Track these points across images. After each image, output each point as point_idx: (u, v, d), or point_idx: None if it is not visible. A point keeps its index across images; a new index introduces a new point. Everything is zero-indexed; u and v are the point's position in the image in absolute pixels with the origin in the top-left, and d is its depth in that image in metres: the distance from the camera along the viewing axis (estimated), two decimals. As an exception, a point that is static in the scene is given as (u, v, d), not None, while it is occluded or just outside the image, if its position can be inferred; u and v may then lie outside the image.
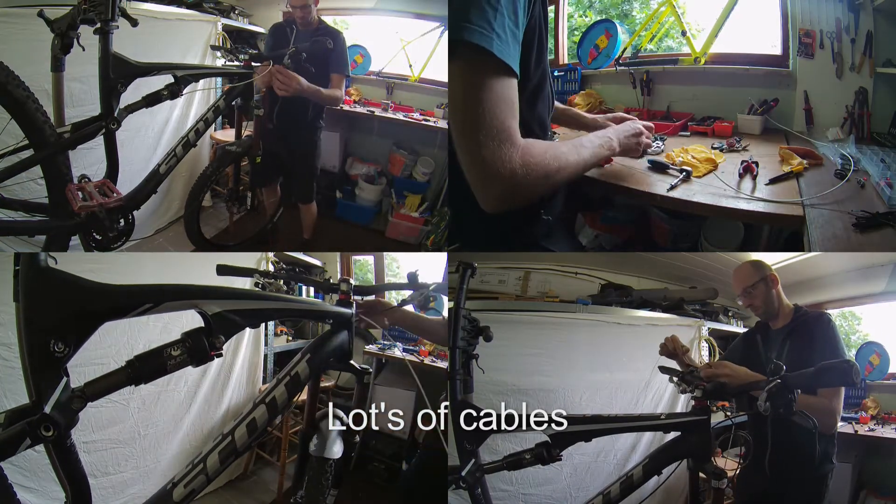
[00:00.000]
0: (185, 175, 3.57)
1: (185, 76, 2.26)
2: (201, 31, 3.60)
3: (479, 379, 1.81)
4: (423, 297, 2.10)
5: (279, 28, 3.20)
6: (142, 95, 2.19)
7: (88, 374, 1.14)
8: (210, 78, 3.29)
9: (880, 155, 2.44)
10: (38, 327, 1.04)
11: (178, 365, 1.21)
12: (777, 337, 2.27)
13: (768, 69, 3.08)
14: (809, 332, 2.17)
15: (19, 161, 1.89)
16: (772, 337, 2.31)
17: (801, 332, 2.19)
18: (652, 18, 3.45)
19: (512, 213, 1.73)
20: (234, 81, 2.71)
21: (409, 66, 4.29)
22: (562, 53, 3.86)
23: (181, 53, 3.37)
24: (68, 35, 1.89)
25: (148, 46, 2.67)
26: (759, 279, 2.27)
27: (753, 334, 2.39)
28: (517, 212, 1.74)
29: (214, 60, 3.55)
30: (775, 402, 1.55)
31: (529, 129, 1.80)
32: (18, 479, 2.03)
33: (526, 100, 1.75)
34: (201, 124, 2.61)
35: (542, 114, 1.85)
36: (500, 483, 2.53)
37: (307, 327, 4.51)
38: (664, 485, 1.72)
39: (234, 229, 3.43)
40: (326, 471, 1.83)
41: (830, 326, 2.18)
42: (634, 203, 3.47)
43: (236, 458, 1.40)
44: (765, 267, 2.32)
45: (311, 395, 1.96)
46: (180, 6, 3.48)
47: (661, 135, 3.14)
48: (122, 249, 2.30)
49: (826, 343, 2.11)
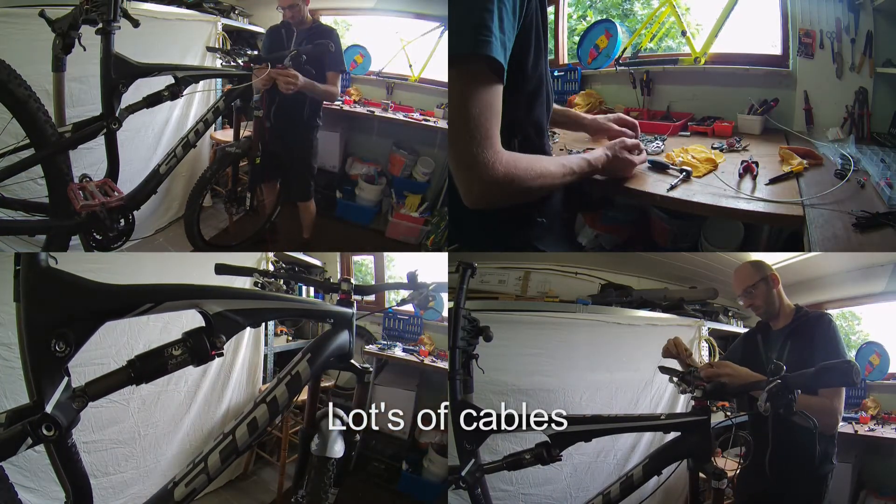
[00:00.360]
0: (185, 175, 3.57)
1: (185, 77, 2.27)
2: (201, 31, 3.60)
3: (479, 379, 1.81)
4: (423, 296, 2.11)
5: (275, 30, 3.22)
6: (142, 96, 2.19)
7: (88, 374, 1.14)
8: (210, 79, 3.30)
9: (880, 155, 2.44)
10: (39, 327, 1.04)
11: (178, 364, 1.21)
12: (778, 337, 2.26)
13: (768, 69, 3.08)
14: (810, 332, 2.16)
15: (20, 160, 1.89)
16: (772, 337, 2.30)
17: (801, 332, 2.19)
18: (652, 18, 3.45)
19: (507, 216, 1.75)
20: (234, 83, 2.71)
21: (409, 66, 4.29)
22: (562, 53, 3.86)
23: (181, 54, 3.37)
24: (69, 35, 1.89)
25: (148, 46, 2.67)
26: (760, 279, 2.27)
27: (754, 334, 2.39)
28: (513, 215, 1.76)
29: (214, 61, 3.55)
30: (775, 402, 1.55)
31: (525, 133, 1.79)
32: (19, 479, 2.03)
33: (523, 102, 1.74)
34: (201, 125, 2.62)
35: (539, 117, 1.84)
36: (500, 483, 2.53)
37: (307, 327, 4.50)
38: (664, 485, 1.72)
39: (233, 229, 3.43)
40: (328, 470, 1.83)
41: (831, 327, 2.18)
42: (634, 203, 3.47)
43: (237, 457, 1.40)
44: (765, 267, 2.32)
45: (312, 394, 1.96)
46: (180, 6, 3.48)
47: (660, 135, 3.15)
48: (122, 249, 2.31)
49: (827, 343, 2.11)
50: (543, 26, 1.72)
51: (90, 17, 1.86)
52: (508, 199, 1.64)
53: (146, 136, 3.27)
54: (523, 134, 1.77)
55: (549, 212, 1.91)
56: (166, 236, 3.47)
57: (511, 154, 1.57)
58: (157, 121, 3.32)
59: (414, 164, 4.33)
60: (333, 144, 4.31)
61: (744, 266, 2.37)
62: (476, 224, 1.82)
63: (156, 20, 3.10)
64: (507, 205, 1.66)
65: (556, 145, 3.20)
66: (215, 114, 2.68)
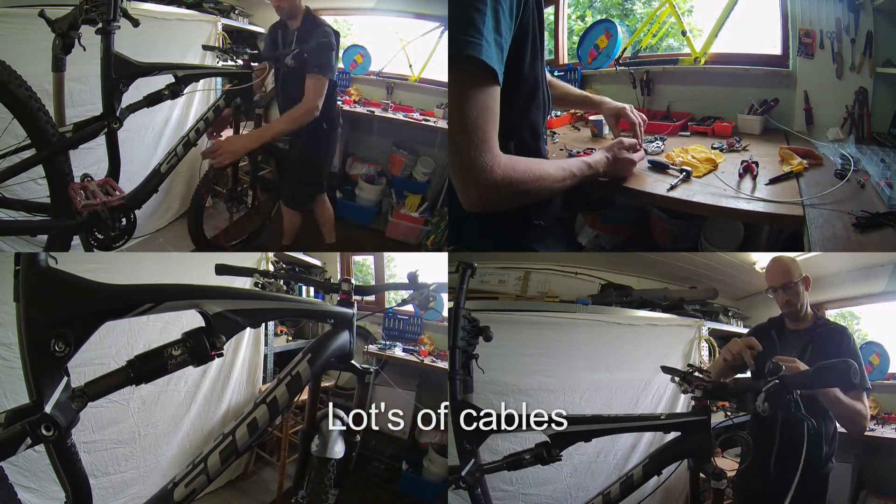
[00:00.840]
0: (186, 174, 3.57)
1: (185, 76, 2.26)
2: (201, 31, 3.60)
3: (479, 379, 1.81)
4: (423, 297, 2.11)
5: (272, 29, 3.11)
6: (142, 95, 2.19)
7: (88, 374, 1.14)
8: (210, 78, 3.29)
9: (880, 155, 2.44)
10: (39, 327, 1.04)
11: (178, 365, 1.21)
12: (797, 339, 2.26)
13: (768, 69, 3.08)
14: (835, 343, 2.17)
15: (21, 161, 1.89)
16: (788, 336, 2.30)
17: (824, 341, 2.19)
18: (652, 18, 3.45)
19: (506, 219, 1.75)
20: (234, 82, 2.71)
21: (409, 66, 4.29)
22: (562, 53, 3.86)
23: (181, 53, 3.37)
24: (69, 35, 1.89)
25: (148, 46, 2.67)
26: (799, 279, 2.28)
27: (767, 329, 2.39)
28: (511, 218, 1.75)
29: (214, 60, 3.56)
30: (774, 402, 1.55)
31: (521, 136, 1.77)
32: (18, 479, 2.03)
33: (519, 105, 1.72)
34: (202, 124, 2.61)
35: (534, 120, 1.82)
36: (500, 483, 2.52)
37: (307, 327, 4.50)
38: (664, 485, 1.72)
39: (233, 229, 3.43)
40: (328, 471, 1.83)
41: (853, 342, 2.20)
42: (634, 203, 3.47)
43: (237, 457, 1.40)
44: (800, 267, 2.32)
45: (312, 395, 1.96)
46: (180, 6, 3.48)
47: (660, 135, 3.15)
48: (122, 249, 2.31)
49: (854, 357, 2.10)
50: (540, 27, 1.70)
51: (90, 17, 1.86)
52: (507, 203, 1.63)
53: (146, 135, 3.27)
54: (519, 137, 1.75)
55: (548, 214, 1.91)
56: (166, 236, 3.47)
57: (510, 157, 1.56)
58: (157, 120, 3.32)
59: (414, 164, 4.33)
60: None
61: (782, 261, 2.35)
62: (475, 226, 1.82)
63: (155, 20, 3.10)
64: (506, 208, 1.65)
65: (557, 145, 3.21)
66: (216, 112, 2.67)
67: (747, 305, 4.29)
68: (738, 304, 4.31)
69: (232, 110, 2.79)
